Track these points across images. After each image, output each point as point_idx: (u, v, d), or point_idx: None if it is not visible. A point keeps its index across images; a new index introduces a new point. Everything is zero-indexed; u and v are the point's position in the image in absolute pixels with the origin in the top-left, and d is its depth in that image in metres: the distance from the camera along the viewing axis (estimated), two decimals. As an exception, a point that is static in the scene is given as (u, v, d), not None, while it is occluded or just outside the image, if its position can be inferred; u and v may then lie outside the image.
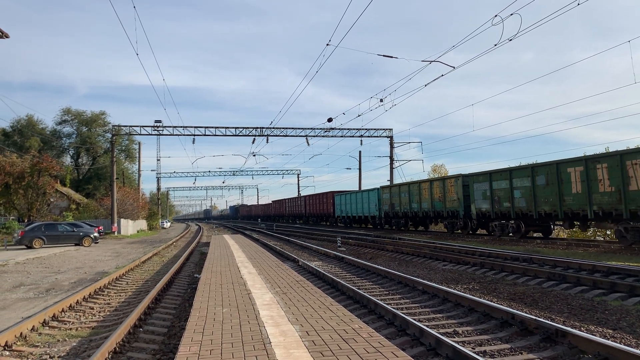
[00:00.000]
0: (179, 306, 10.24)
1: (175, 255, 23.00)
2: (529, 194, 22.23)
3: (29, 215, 44.79)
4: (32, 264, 19.39)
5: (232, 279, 10.49)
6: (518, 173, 23.23)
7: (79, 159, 77.71)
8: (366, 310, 8.97)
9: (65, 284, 13.79)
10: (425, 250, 18.77)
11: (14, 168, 42.34)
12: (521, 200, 22.87)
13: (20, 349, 7.04)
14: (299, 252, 22.10)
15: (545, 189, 21.30)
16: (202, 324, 6.24)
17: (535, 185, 21.90)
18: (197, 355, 4.90)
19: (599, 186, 18.65)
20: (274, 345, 5.18)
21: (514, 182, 23.32)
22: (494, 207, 24.74)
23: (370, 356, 4.72)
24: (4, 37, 29.10)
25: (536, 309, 8.85)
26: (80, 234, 30.07)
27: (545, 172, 21.31)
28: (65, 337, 7.87)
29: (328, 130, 45.26)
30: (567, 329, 6.45)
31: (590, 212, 18.96)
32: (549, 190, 21.11)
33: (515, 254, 15.46)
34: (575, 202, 19.74)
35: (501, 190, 24.23)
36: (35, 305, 10.69)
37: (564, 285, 10.75)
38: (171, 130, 43.75)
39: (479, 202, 25.97)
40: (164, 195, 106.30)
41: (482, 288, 11.23)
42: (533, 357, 6.02)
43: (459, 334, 7.25)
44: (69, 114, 74.67)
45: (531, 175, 22.10)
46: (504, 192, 24.04)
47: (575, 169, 19.77)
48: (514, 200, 23.29)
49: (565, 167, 20.27)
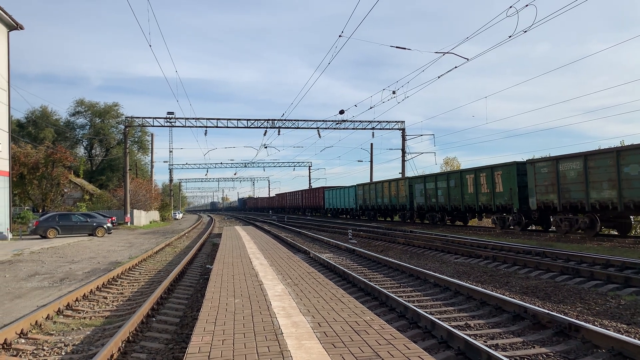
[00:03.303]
0: (191, 296, 10.31)
1: (188, 246, 23.15)
2: (446, 193, 29.94)
3: (44, 206, 45.33)
4: (46, 253, 19.63)
5: (244, 270, 10.53)
6: (440, 177, 31.11)
7: (93, 150, 78.46)
8: (377, 303, 8.97)
9: (79, 274, 13.95)
10: (437, 243, 18.71)
11: (28, 159, 42.80)
12: (441, 197, 30.62)
13: (35, 337, 7.14)
14: (310, 244, 22.14)
15: (455, 189, 29.00)
16: (215, 314, 6.27)
17: (449, 186, 29.58)
18: (209, 345, 4.93)
19: (482, 188, 26.59)
20: (286, 336, 5.20)
21: (438, 184, 30.92)
22: (427, 202, 32.72)
23: (382, 348, 4.72)
24: (18, 29, 29.32)
25: (549, 302, 8.79)
26: (94, 224, 30.40)
27: (455, 177, 29.17)
28: (80, 325, 7.96)
29: (340, 122, 45.17)
30: (580, 323, 6.40)
31: (477, 206, 27.10)
32: (456, 191, 28.81)
33: (528, 248, 15.36)
34: (470, 200, 27.73)
35: (430, 189, 32.12)
36: (50, 294, 10.83)
37: (577, 279, 10.66)
38: (183, 122, 43.94)
39: (418, 199, 34.15)
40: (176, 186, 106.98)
41: (494, 281, 11.18)
42: (546, 351, 5.98)
43: (471, 327, 7.22)
44: (82, 105, 75.35)
45: (447, 179, 29.92)
46: (432, 191, 31.90)
47: (469, 176, 27.66)
48: (438, 197, 31.03)
49: (465, 174, 28.29)
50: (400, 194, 37.61)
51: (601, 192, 18.92)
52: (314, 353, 4.61)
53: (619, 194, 18.10)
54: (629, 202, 17.77)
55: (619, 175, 18.09)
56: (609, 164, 18.53)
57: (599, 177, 19.00)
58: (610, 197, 18.49)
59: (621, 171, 18.06)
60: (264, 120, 44.99)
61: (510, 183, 24.54)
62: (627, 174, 17.86)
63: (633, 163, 17.65)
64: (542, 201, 22.01)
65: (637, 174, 17.47)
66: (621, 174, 18.04)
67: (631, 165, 17.73)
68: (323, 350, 4.69)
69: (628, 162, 17.86)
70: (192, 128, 45.03)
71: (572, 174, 20.28)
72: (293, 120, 45.66)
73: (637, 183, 17.47)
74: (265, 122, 44.98)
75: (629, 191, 17.76)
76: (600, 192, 18.96)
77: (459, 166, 69.13)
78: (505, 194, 24.89)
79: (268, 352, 4.66)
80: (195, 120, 43.87)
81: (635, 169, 17.58)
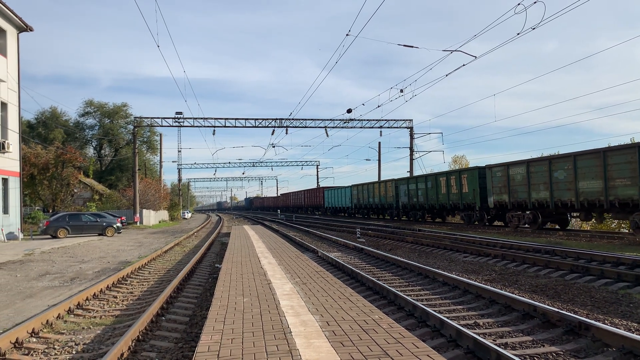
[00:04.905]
0: (200, 295, 10.36)
1: (196, 246, 23.25)
2: (425, 193, 34.34)
3: (54, 206, 45.67)
4: (57, 253, 19.78)
5: (253, 269, 10.56)
6: (420, 179, 35.66)
7: (102, 151, 78.87)
8: (386, 302, 8.97)
9: (89, 273, 14.05)
10: (446, 242, 18.67)
11: (38, 159, 43.12)
12: (421, 197, 35.01)
13: (46, 336, 7.21)
14: (318, 243, 22.16)
15: (431, 190, 33.40)
16: (224, 313, 6.30)
17: (427, 187, 34.05)
18: (218, 343, 4.95)
19: (452, 189, 30.60)
20: (295, 334, 5.21)
21: (418, 185, 35.38)
22: (409, 201, 36.93)
23: (391, 347, 4.72)
24: (28, 31, 29.55)
25: (559, 301, 8.75)
26: (104, 224, 30.60)
27: (431, 179, 33.52)
28: (90, 325, 8.03)
29: (347, 121, 45.10)
30: (590, 321, 6.37)
31: (449, 204, 31.19)
32: (433, 191, 33.20)
33: (538, 246, 15.28)
34: (443, 199, 31.84)
35: (412, 190, 36.33)
36: (61, 293, 10.92)
37: (587, 277, 10.60)
38: (192, 122, 44.07)
39: (402, 198, 38.40)
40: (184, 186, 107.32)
41: (503, 280, 11.14)
42: (556, 349, 5.96)
43: (480, 326, 7.20)
44: (91, 105, 75.80)
45: (425, 181, 34.41)
46: (414, 191, 36.12)
47: (442, 179, 31.98)
48: (418, 197, 35.37)
49: (439, 177, 32.60)
50: (389, 194, 41.38)
51: (539, 192, 22.64)
52: (322, 352, 4.62)
53: (550, 194, 21.79)
54: (558, 200, 21.46)
55: (551, 179, 21.74)
56: (544, 169, 22.19)
57: (537, 181, 22.74)
58: (545, 197, 22.15)
59: (552, 176, 21.68)
60: (271, 119, 45.06)
61: (474, 185, 28.38)
62: (556, 178, 21.49)
63: (560, 169, 21.26)
64: (497, 200, 25.85)
65: (563, 179, 21.08)
66: (552, 178, 21.67)
67: (559, 171, 21.33)
68: (332, 348, 4.70)
69: (557, 169, 21.45)
70: (201, 128, 45.21)
71: (519, 177, 24.07)
72: (301, 120, 45.67)
73: (563, 185, 21.08)
74: (273, 121, 45.02)
75: (557, 192, 21.45)
76: (539, 192, 22.67)
77: (467, 164, 69.44)
78: (470, 194, 28.83)
79: (277, 350, 4.68)
80: (204, 120, 44.00)
81: (561, 174, 21.20)
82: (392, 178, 41.53)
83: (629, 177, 17.76)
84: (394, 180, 40.68)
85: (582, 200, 19.96)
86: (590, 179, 19.54)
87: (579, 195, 20.06)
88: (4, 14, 26.91)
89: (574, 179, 20.28)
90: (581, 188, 19.97)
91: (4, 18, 27.13)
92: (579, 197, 20.10)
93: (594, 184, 19.36)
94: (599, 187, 19.07)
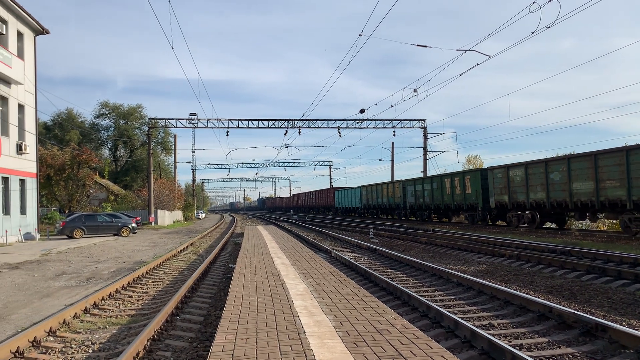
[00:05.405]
0: (214, 295, 10.42)
1: (210, 246, 23.37)
2: (430, 194, 35.51)
3: (70, 206, 46.20)
4: (73, 253, 20.02)
5: (266, 269, 10.60)
6: (426, 180, 37.20)
7: (117, 152, 79.60)
8: (400, 302, 8.95)
9: (104, 273, 14.20)
10: (460, 242, 18.57)
11: (55, 160, 43.67)
12: (427, 198, 36.20)
13: (63, 335, 7.30)
14: (332, 243, 22.16)
15: (437, 191, 34.42)
16: (238, 313, 6.33)
17: (432, 188, 35.08)
18: (233, 343, 4.98)
19: (456, 190, 31.72)
20: (308, 335, 5.22)
21: (424, 186, 36.65)
22: (416, 202, 38.31)
23: (405, 347, 4.71)
24: (45, 33, 29.95)
25: (574, 302, 8.66)
26: (119, 224, 30.89)
27: (437, 181, 34.70)
28: (106, 324, 8.11)
29: (360, 121, 45.05)
30: (607, 323, 6.30)
31: (453, 205, 32.29)
32: (438, 192, 34.25)
33: (553, 247, 15.14)
34: (448, 199, 32.85)
35: (419, 191, 37.72)
36: (77, 293, 11.05)
37: (604, 278, 10.48)
38: (205, 122, 44.34)
39: (409, 199, 39.55)
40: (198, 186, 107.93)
41: (518, 281, 11.05)
42: (572, 351, 5.90)
43: (495, 327, 7.16)
44: (106, 107, 76.59)
45: (431, 182, 35.69)
46: (420, 192, 37.50)
47: (447, 180, 33.01)
48: (424, 197, 36.58)
49: (444, 178, 33.76)
50: (396, 195, 42.59)
51: (537, 193, 23.60)
52: (336, 352, 4.62)
53: (547, 195, 22.71)
54: (554, 201, 22.35)
55: (547, 181, 22.68)
56: (541, 171, 23.17)
57: (535, 182, 23.72)
58: (542, 198, 23.11)
59: (548, 177, 22.60)
60: (284, 120, 45.18)
61: (476, 186, 29.39)
62: (552, 179, 22.41)
63: (555, 171, 22.19)
64: (498, 201, 26.91)
65: (558, 180, 21.96)
66: (548, 180, 22.60)
67: (554, 173, 22.27)
68: (345, 349, 4.71)
69: (552, 170, 22.38)
70: (214, 129, 45.51)
71: (518, 179, 25.06)
72: (313, 120, 45.73)
73: (558, 187, 21.97)
74: (285, 122, 45.14)
75: (553, 193, 22.36)
76: (536, 193, 23.63)
77: (481, 164, 68.99)
78: (473, 195, 29.86)
79: (291, 350, 4.69)
80: (217, 120, 44.24)
81: (556, 176, 22.12)
82: (400, 179, 42.97)
83: (618, 178, 18.72)
84: (402, 181, 41.93)
85: (576, 201, 20.91)
86: (583, 181, 20.51)
87: (573, 195, 21.02)
88: (21, 18, 27.30)
89: (568, 180, 21.24)
90: (575, 189, 20.94)
91: (21, 21, 27.52)
92: (572, 198, 21.06)
93: (586, 185, 20.34)
94: (590, 188, 20.03)
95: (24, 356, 6.29)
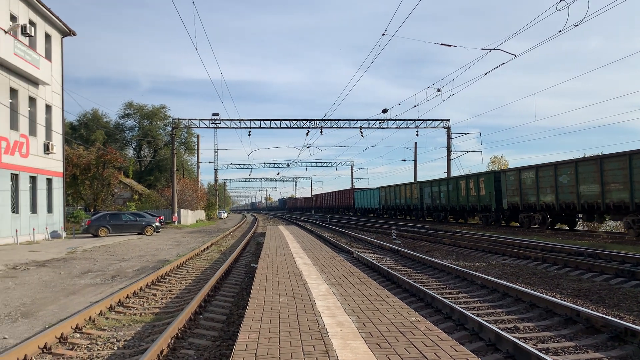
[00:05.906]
0: (237, 294, 10.46)
1: (233, 245, 23.52)
2: (446, 195, 36.51)
3: (95, 205, 46.98)
4: (98, 251, 20.34)
5: (288, 269, 10.61)
6: (442, 182, 38.06)
7: (141, 151, 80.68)
8: (423, 304, 8.86)
9: (129, 271, 14.39)
10: (484, 244, 18.34)
11: (80, 160, 44.46)
12: (443, 199, 37.17)
13: (89, 332, 7.41)
14: (353, 244, 22.11)
15: (452, 192, 35.47)
16: (260, 313, 6.34)
17: (449, 190, 36.17)
18: (256, 342, 4.98)
19: (471, 192, 32.63)
20: (331, 335, 5.20)
21: (441, 187, 37.74)
22: (433, 203, 39.07)
23: (429, 349, 4.66)
24: (71, 35, 30.51)
25: (603, 306, 8.47)
26: (143, 223, 31.29)
27: (452, 182, 35.82)
28: (130, 322, 8.21)
29: (383, 121, 44.91)
30: (637, 327, 6.13)
31: (468, 206, 33.30)
32: (454, 194, 35.26)
33: (580, 249, 14.85)
34: (463, 201, 33.83)
35: (435, 192, 38.59)
36: (102, 290, 11.21)
37: (633, 282, 10.23)
38: (228, 123, 44.65)
39: (426, 200, 40.46)
40: (221, 186, 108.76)
41: (544, 283, 10.86)
42: (600, 356, 5.76)
43: (520, 330, 7.04)
44: (131, 107, 77.70)
45: (447, 184, 36.70)
46: (437, 194, 38.30)
47: (462, 182, 34.03)
48: (441, 199, 37.56)
49: (459, 180, 34.74)
50: (414, 196, 43.42)
51: (546, 195, 24.37)
52: (359, 353, 4.59)
53: (556, 197, 23.51)
54: (562, 203, 23.16)
55: (556, 183, 23.50)
56: (550, 174, 23.96)
57: (544, 184, 24.50)
58: (552, 200, 23.90)
59: (557, 180, 23.42)
60: (306, 120, 45.23)
61: (490, 188, 30.17)
62: (561, 182, 23.23)
63: (564, 174, 23.03)
64: (510, 202, 27.69)
65: (566, 183, 22.77)
66: (557, 182, 23.42)
67: (563, 176, 23.10)
68: (369, 350, 4.67)
69: (561, 173, 23.21)
70: (237, 129, 45.77)
71: (529, 181, 25.83)
72: (335, 120, 45.73)
73: (567, 189, 22.76)
74: (307, 122, 45.20)
75: (562, 195, 23.16)
76: (546, 195, 24.41)
77: (506, 165, 68.20)
78: (487, 197, 30.65)
79: (314, 350, 4.68)
80: (240, 121, 44.54)
81: (565, 179, 22.93)
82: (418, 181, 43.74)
83: (621, 182, 19.48)
84: (419, 183, 43.04)
85: (583, 203, 21.67)
86: (589, 183, 21.32)
87: (580, 198, 21.80)
88: (49, 20, 27.85)
89: (575, 183, 22.03)
90: (582, 191, 21.73)
91: (49, 23, 28.08)
92: (580, 200, 21.84)
93: (592, 188, 21.11)
94: (596, 191, 20.80)
95: (52, 352, 6.40)
